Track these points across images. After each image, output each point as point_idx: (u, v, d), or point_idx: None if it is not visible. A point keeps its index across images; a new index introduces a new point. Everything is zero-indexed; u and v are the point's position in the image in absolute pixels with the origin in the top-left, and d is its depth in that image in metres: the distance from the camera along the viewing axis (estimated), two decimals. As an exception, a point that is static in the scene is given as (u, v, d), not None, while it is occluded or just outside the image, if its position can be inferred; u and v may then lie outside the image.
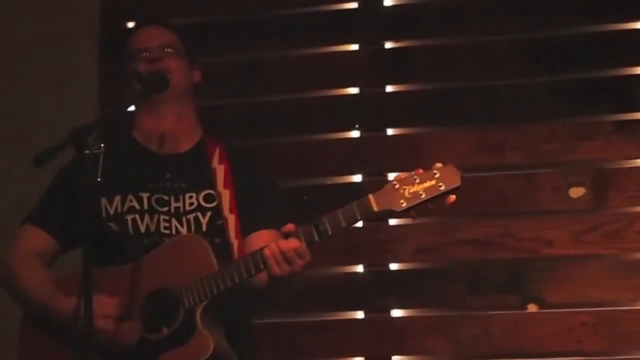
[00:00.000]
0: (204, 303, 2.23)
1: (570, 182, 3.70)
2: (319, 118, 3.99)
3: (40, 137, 2.71)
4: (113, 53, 3.66)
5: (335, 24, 4.06)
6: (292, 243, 2.21)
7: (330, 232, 2.24)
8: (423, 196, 2.18)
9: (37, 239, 2.47)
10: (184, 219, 2.40)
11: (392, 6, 4.04)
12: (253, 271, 2.25)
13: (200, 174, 2.46)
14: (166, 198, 2.41)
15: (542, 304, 3.68)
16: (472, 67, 3.88)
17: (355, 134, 3.98)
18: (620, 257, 3.69)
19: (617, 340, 3.59)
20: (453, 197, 2.21)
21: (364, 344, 3.79)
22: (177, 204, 2.41)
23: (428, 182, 2.18)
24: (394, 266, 3.85)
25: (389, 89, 4.01)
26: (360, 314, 3.85)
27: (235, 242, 2.38)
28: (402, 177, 2.21)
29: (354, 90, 4.03)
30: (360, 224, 3.72)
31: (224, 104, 4.01)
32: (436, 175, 2.19)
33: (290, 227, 2.24)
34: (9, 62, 4.08)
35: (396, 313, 3.81)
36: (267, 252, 2.20)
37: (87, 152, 2.02)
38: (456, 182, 2.20)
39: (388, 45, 4.04)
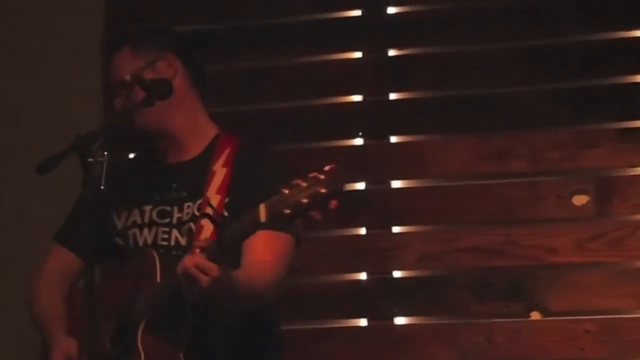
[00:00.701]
0: (145, 320, 2.15)
1: (574, 189, 3.69)
2: (322, 125, 3.98)
3: (43, 144, 2.71)
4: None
5: (339, 31, 4.05)
6: (195, 258, 2.02)
7: (229, 244, 2.05)
8: (305, 202, 1.93)
9: (62, 257, 2.47)
10: (183, 229, 2.34)
11: (396, 14, 4.03)
12: (175, 287, 2.10)
13: (201, 181, 2.37)
14: (169, 209, 2.37)
15: (545, 312, 3.67)
16: (475, 74, 3.86)
17: (358, 141, 3.96)
18: (624, 265, 3.68)
19: (620, 349, 3.58)
20: (335, 202, 1.95)
21: (367, 352, 3.77)
22: (179, 214, 2.36)
23: (313, 187, 1.94)
24: (397, 274, 3.83)
25: (393, 96, 3.99)
26: (363, 322, 3.84)
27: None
28: (294, 183, 1.96)
29: (357, 97, 4.01)
30: (363, 231, 3.80)
31: (228, 111, 3.99)
32: (321, 178, 1.94)
33: (201, 242, 2.11)
34: (11, 70, 4.06)
35: (399, 321, 3.80)
36: (178, 269, 2.05)
37: (90, 160, 2.01)
38: (339, 185, 1.95)
39: (391, 52, 4.02)
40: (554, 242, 3.69)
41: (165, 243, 2.30)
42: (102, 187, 2.00)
